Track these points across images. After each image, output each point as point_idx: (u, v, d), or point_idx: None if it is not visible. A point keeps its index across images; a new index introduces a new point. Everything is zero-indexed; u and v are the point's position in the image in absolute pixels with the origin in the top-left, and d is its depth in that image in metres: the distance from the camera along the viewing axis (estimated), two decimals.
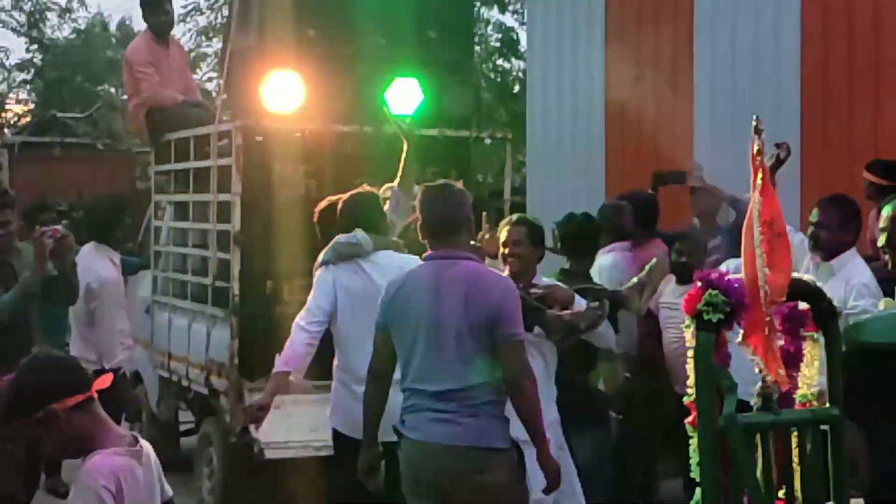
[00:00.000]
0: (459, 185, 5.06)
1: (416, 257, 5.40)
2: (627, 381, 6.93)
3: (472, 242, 5.14)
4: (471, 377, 4.39)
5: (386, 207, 6.30)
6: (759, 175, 3.46)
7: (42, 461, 7.43)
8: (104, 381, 3.58)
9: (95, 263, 7.82)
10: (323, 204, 6.21)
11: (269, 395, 5.63)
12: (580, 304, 5.65)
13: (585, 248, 6.50)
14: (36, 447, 7.28)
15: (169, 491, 3.72)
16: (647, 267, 6.04)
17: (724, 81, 9.02)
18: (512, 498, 4.45)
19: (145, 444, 3.59)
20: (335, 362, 5.81)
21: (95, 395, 3.47)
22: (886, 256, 4.79)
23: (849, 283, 5.26)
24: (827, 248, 5.56)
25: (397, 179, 6.47)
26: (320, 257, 5.77)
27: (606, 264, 6.83)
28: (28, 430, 3.66)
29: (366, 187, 6.21)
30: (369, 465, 4.80)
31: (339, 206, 5.90)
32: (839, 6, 8.10)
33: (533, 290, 5.55)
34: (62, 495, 7.58)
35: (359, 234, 5.64)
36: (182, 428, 8.75)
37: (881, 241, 4.82)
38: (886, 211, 4.67)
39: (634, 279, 6.06)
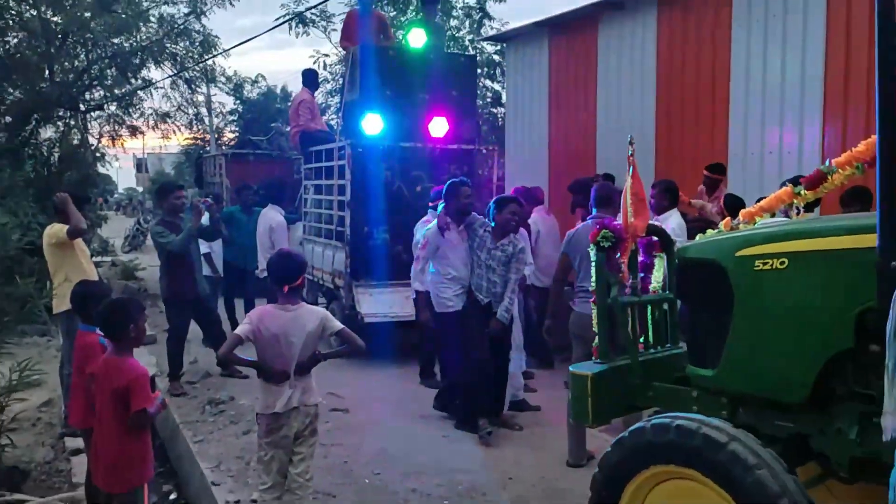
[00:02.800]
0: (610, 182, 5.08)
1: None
2: None
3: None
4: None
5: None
6: (631, 167, 3.45)
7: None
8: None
9: (273, 215, 8.05)
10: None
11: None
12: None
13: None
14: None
15: (337, 326, 3.59)
16: None
17: (615, 104, 8.82)
18: (582, 330, 4.47)
19: (305, 309, 3.56)
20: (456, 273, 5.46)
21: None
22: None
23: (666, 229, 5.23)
24: (653, 208, 5.52)
25: None
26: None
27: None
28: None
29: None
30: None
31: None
32: (678, 77, 7.94)
33: None
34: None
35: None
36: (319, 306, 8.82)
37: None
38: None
39: None
